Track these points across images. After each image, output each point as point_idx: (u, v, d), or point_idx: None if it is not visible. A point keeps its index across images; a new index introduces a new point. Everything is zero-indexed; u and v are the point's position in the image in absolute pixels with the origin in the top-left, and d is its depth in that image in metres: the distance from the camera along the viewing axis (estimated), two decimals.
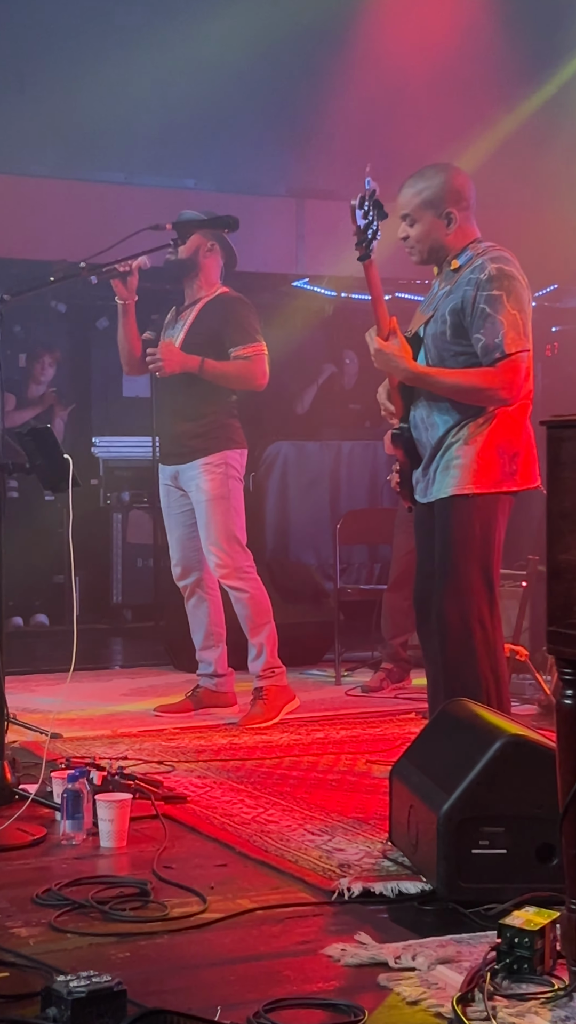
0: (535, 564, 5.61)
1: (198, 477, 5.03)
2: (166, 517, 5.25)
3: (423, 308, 3.91)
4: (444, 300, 3.76)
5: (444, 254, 3.82)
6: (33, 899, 2.88)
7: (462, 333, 3.70)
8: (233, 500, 5.03)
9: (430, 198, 3.76)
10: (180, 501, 5.16)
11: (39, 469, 3.69)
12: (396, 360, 3.73)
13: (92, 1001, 2.17)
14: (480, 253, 3.75)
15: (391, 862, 3.13)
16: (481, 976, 2.35)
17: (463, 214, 3.79)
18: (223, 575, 5.01)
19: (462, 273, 3.74)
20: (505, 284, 3.66)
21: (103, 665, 6.69)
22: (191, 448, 5.05)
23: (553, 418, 2.44)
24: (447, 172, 3.83)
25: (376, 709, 5.35)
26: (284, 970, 2.48)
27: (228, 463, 5.04)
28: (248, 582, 5.02)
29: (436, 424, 3.77)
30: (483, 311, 3.64)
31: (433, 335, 3.77)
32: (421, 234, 3.80)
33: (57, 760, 3.93)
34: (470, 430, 3.72)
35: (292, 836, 3.36)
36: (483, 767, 2.83)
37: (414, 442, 3.85)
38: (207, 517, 5.01)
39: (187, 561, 5.16)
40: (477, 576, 3.69)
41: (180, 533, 5.18)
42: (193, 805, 3.70)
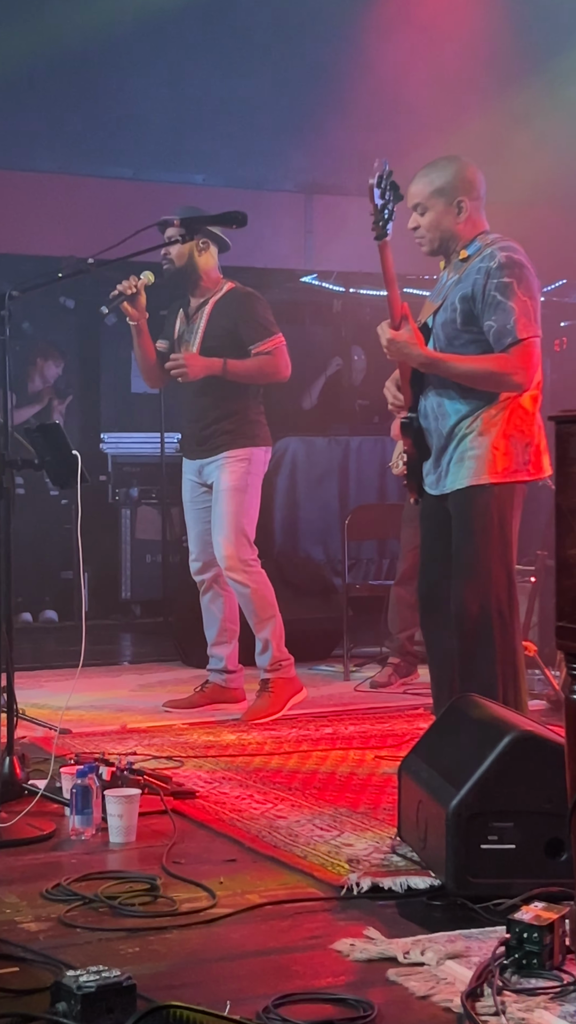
0: (544, 559, 5.60)
1: (220, 469, 5.04)
2: (187, 512, 5.25)
3: (432, 298, 3.91)
4: (454, 289, 3.77)
5: (454, 244, 3.83)
6: (43, 894, 2.89)
7: (472, 320, 3.72)
8: (249, 495, 5.03)
9: (442, 186, 3.79)
10: (202, 497, 5.16)
11: (48, 465, 3.70)
12: (410, 347, 3.73)
13: (102, 996, 2.18)
14: (489, 243, 3.78)
15: (400, 857, 3.13)
16: (490, 971, 2.35)
17: (473, 204, 3.81)
18: (227, 567, 5.01)
19: (471, 262, 3.76)
20: (516, 272, 3.69)
21: (112, 661, 6.69)
22: (217, 443, 5.05)
23: (562, 413, 2.43)
24: (459, 162, 3.86)
25: (385, 705, 5.35)
26: (293, 965, 2.49)
27: (252, 459, 5.04)
28: (251, 576, 5.02)
29: (448, 413, 3.77)
30: (494, 298, 3.67)
31: (443, 323, 3.78)
32: (432, 222, 3.82)
33: (66, 756, 3.93)
34: (483, 420, 3.73)
35: (301, 831, 3.36)
36: (492, 762, 2.83)
37: (423, 432, 3.84)
38: (220, 507, 5.02)
39: (206, 556, 5.17)
40: (497, 565, 3.71)
41: (200, 529, 5.18)
42: (202, 800, 3.70)
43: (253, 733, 4.72)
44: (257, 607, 5.03)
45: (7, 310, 3.71)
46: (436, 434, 3.80)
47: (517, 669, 3.73)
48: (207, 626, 5.25)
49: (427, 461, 3.85)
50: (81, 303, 8.65)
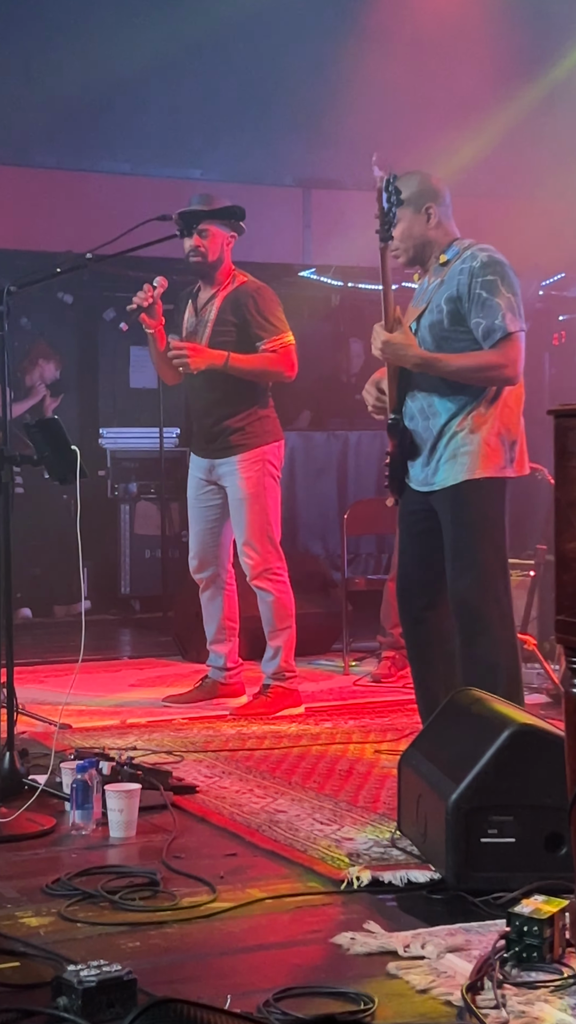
0: (543, 554, 5.61)
1: (234, 474, 5.00)
2: (190, 508, 5.22)
3: (415, 303, 3.99)
4: (437, 291, 3.85)
5: (429, 251, 3.92)
6: (43, 889, 2.89)
7: (459, 320, 3.79)
8: (268, 498, 5.00)
9: (408, 197, 3.84)
10: (208, 496, 5.14)
11: (47, 460, 3.70)
12: (404, 348, 3.79)
13: (102, 990, 2.18)
14: (467, 247, 3.87)
15: (400, 851, 3.13)
16: (490, 964, 2.36)
17: (442, 210, 3.91)
18: (252, 575, 5.00)
19: (452, 265, 3.85)
20: (498, 269, 3.78)
21: (112, 656, 6.70)
22: (228, 444, 5.02)
23: (561, 407, 2.44)
24: (420, 174, 3.95)
25: (384, 699, 5.35)
26: (294, 959, 2.49)
27: (265, 459, 5.01)
28: (275, 584, 5.01)
29: (438, 412, 3.83)
30: (480, 296, 3.75)
31: (430, 325, 3.84)
32: (404, 232, 3.88)
33: (66, 751, 3.93)
34: (474, 418, 3.80)
35: (301, 826, 3.37)
36: (492, 756, 2.83)
37: (408, 433, 3.89)
38: (241, 516, 4.99)
39: (204, 555, 5.16)
40: (492, 557, 3.78)
41: (201, 527, 5.17)
42: (202, 795, 3.71)
43: (253, 728, 4.72)
44: (276, 616, 5.03)
45: (5, 306, 3.71)
46: (427, 433, 3.85)
47: (515, 656, 3.82)
48: (207, 623, 5.25)
49: (413, 460, 3.89)
50: (79, 298, 8.65)
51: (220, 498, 5.10)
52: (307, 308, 8.58)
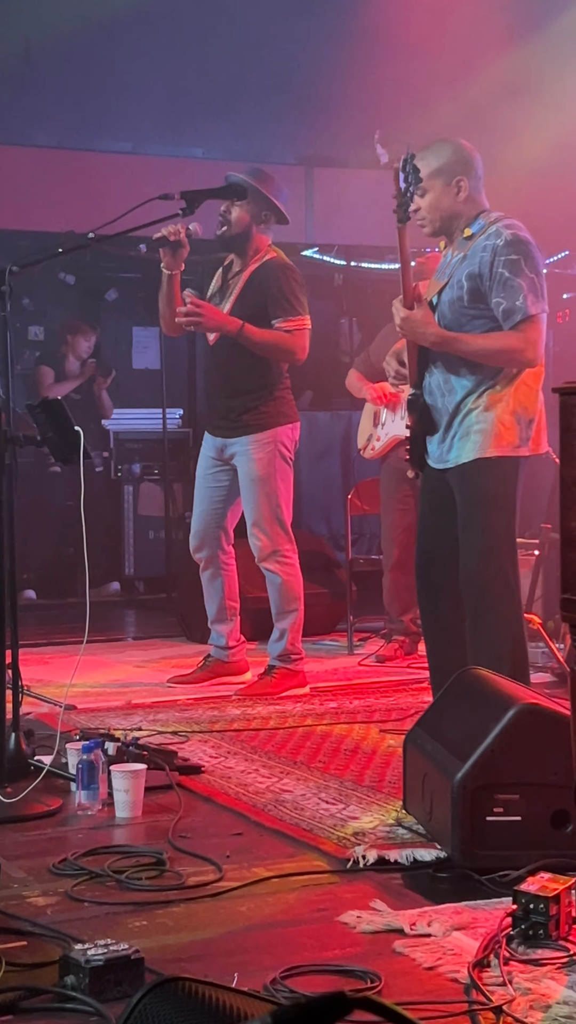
0: (547, 533, 5.60)
1: (245, 454, 4.98)
2: (197, 486, 5.20)
3: (437, 276, 3.93)
4: (459, 266, 3.80)
5: (456, 223, 3.85)
6: (50, 869, 2.90)
7: (479, 298, 3.75)
8: (279, 480, 4.98)
9: (440, 167, 3.80)
10: (216, 475, 5.12)
11: (50, 441, 3.69)
12: (423, 326, 3.76)
13: (110, 969, 2.19)
14: (493, 221, 3.80)
15: (406, 830, 3.14)
16: (496, 942, 2.36)
17: (472, 183, 3.83)
18: (260, 557, 4.99)
19: (476, 240, 3.78)
20: (522, 249, 3.72)
21: (116, 637, 6.70)
22: (241, 423, 4.99)
23: (565, 384, 2.43)
24: (455, 143, 3.89)
25: (389, 678, 5.36)
26: (300, 937, 2.49)
27: (278, 439, 4.98)
28: (284, 567, 5.00)
29: (455, 389, 3.81)
30: (502, 275, 3.70)
31: (449, 301, 3.80)
32: (432, 203, 3.83)
33: (72, 731, 3.94)
34: (489, 396, 3.78)
35: (307, 805, 3.37)
36: (497, 734, 2.83)
37: (428, 408, 3.86)
38: (252, 498, 4.97)
39: (204, 535, 5.15)
40: (502, 535, 3.78)
41: (205, 507, 5.15)
42: (208, 775, 3.71)
43: (258, 708, 4.73)
44: (283, 598, 5.02)
45: (7, 286, 3.69)
46: (443, 410, 3.83)
47: (522, 634, 3.83)
48: (208, 602, 5.25)
49: (432, 436, 3.87)
50: (81, 278, 8.62)
51: (229, 478, 5.09)
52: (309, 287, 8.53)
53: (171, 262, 4.88)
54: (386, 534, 6.04)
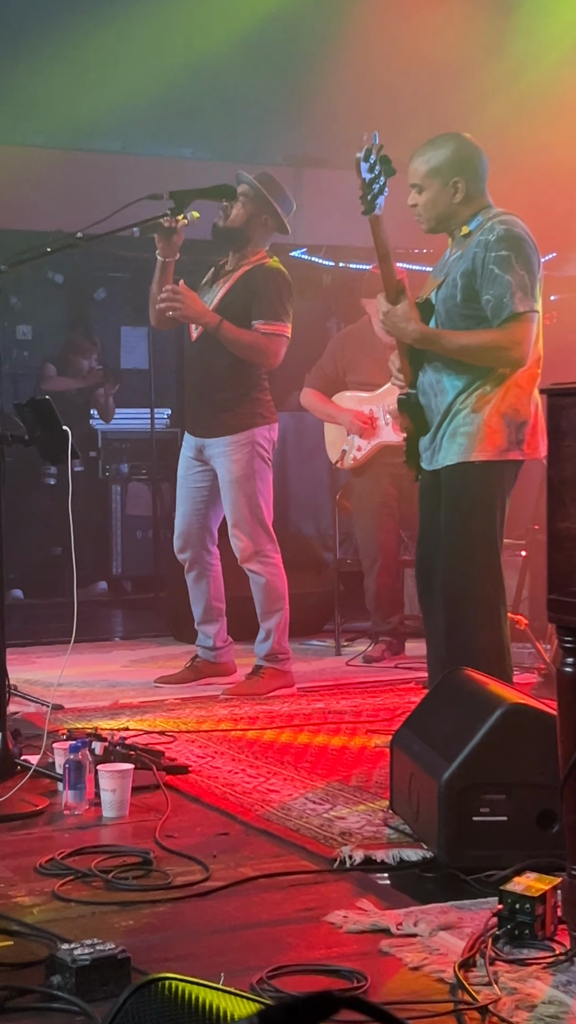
0: (535, 533, 5.61)
1: (223, 456, 4.97)
2: (179, 487, 5.19)
3: (435, 274, 3.89)
4: (455, 264, 3.75)
5: (454, 222, 3.81)
6: (36, 868, 2.89)
7: (473, 296, 3.69)
8: (258, 480, 4.97)
9: (437, 166, 3.76)
10: (197, 476, 5.11)
11: (38, 441, 3.68)
12: (404, 321, 3.71)
13: (96, 969, 2.19)
14: (491, 217, 3.75)
15: (392, 830, 3.14)
16: (483, 942, 2.37)
17: (471, 183, 3.77)
18: (243, 559, 4.99)
19: (473, 237, 3.74)
20: (514, 244, 3.66)
21: (103, 637, 6.70)
22: (218, 423, 4.98)
23: (553, 386, 2.43)
24: (456, 141, 3.81)
25: (376, 679, 5.36)
26: (287, 937, 2.50)
27: (255, 440, 4.97)
28: (266, 567, 4.99)
29: (446, 389, 3.75)
30: (492, 272, 3.64)
31: (444, 299, 3.75)
32: (428, 202, 3.79)
33: (59, 731, 3.94)
34: (478, 397, 3.71)
35: (294, 805, 3.37)
36: (484, 735, 2.84)
37: (421, 408, 3.83)
38: (231, 499, 4.97)
39: (188, 536, 5.14)
40: (480, 542, 3.71)
41: (188, 508, 5.15)
42: (195, 775, 3.71)
43: (245, 708, 4.73)
44: (267, 598, 5.02)
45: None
46: (435, 410, 3.78)
47: (502, 644, 3.74)
48: (194, 603, 5.24)
49: (424, 436, 3.84)
50: (70, 278, 8.61)
51: (209, 479, 5.08)
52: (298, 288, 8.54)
53: (166, 248, 4.86)
54: (368, 537, 6.02)
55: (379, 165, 3.61)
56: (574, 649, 2.38)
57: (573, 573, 2.34)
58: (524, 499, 6.02)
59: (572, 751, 2.35)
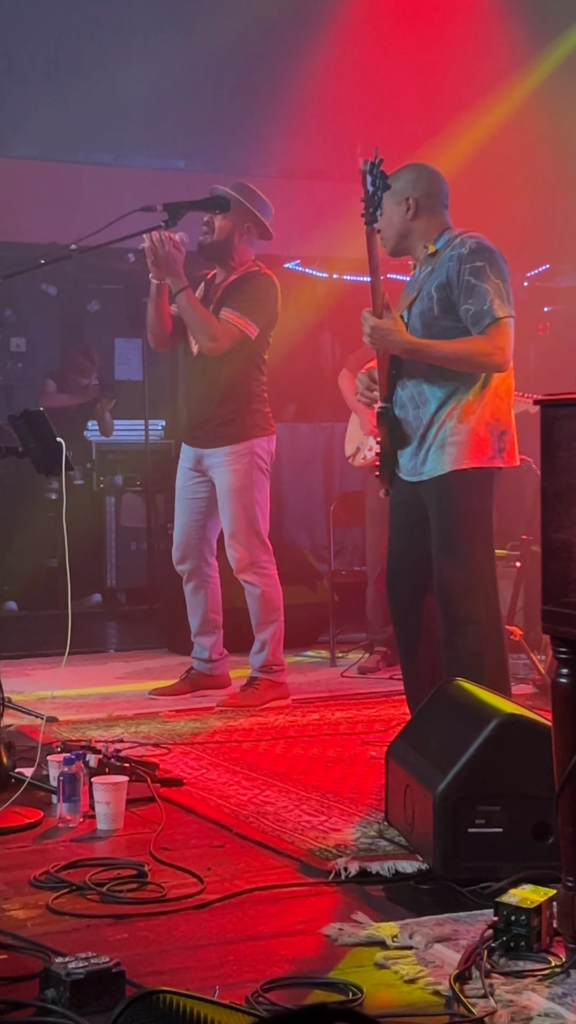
0: (529, 544, 5.61)
1: (222, 466, 4.98)
2: (177, 499, 5.19)
3: (407, 292, 3.98)
4: (428, 280, 3.85)
5: (411, 241, 3.91)
6: (30, 881, 2.88)
7: (449, 308, 3.78)
8: (256, 491, 4.98)
9: (393, 189, 3.84)
10: (195, 487, 5.11)
11: (32, 453, 3.68)
12: (393, 334, 3.76)
13: (90, 982, 2.18)
14: (456, 235, 3.86)
15: (387, 842, 3.14)
16: (478, 954, 2.36)
17: (424, 200, 3.88)
18: (238, 569, 4.99)
19: (442, 253, 3.84)
20: (486, 255, 3.78)
21: (98, 649, 6.68)
22: (218, 434, 4.99)
23: (546, 397, 2.44)
24: (415, 168, 3.95)
25: (371, 690, 5.36)
26: (281, 950, 2.49)
27: (254, 451, 4.99)
28: (262, 578, 5.00)
29: (428, 400, 3.82)
30: (468, 282, 3.74)
31: (420, 313, 3.83)
32: (384, 222, 3.87)
33: (53, 743, 3.93)
34: (464, 407, 3.78)
35: (288, 817, 3.37)
36: (479, 746, 2.84)
37: (398, 421, 3.87)
38: (228, 509, 4.97)
39: (187, 547, 5.14)
40: (479, 546, 3.78)
41: (187, 519, 5.15)
42: (189, 787, 3.70)
43: (240, 720, 4.72)
44: (262, 609, 5.02)
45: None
46: (415, 423, 3.84)
47: (502, 647, 3.82)
48: (191, 615, 5.24)
49: (403, 450, 3.88)
50: (64, 290, 8.62)
51: (207, 490, 5.08)
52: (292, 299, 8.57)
53: (157, 272, 4.89)
54: (371, 545, 6.04)
55: (379, 179, 3.68)
56: (569, 660, 2.38)
57: (567, 584, 2.34)
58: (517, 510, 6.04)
59: (567, 762, 2.35)
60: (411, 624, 3.93)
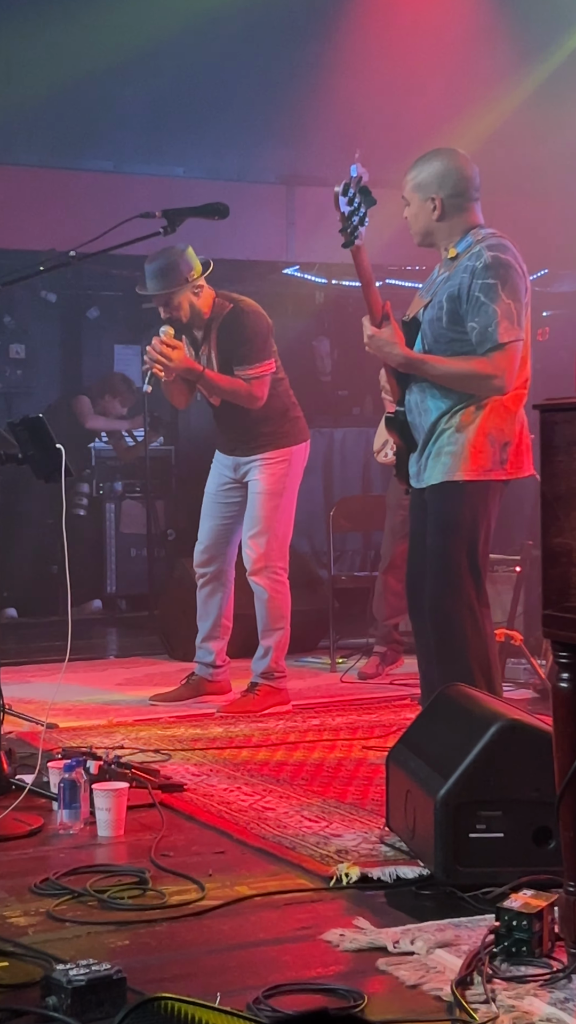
0: (529, 549, 5.61)
1: (257, 469, 5.02)
2: (206, 502, 5.19)
3: (422, 293, 3.92)
4: (443, 286, 3.76)
5: (435, 239, 3.82)
6: (31, 888, 2.88)
7: (458, 320, 3.70)
8: (286, 498, 5.02)
9: (421, 182, 3.77)
10: (228, 492, 5.12)
11: (32, 459, 3.68)
12: (389, 346, 3.73)
13: (92, 989, 2.18)
14: (479, 240, 3.73)
15: (388, 847, 3.13)
16: (480, 959, 2.36)
17: (451, 200, 3.75)
18: (253, 570, 4.99)
19: (460, 260, 3.74)
20: (501, 272, 3.65)
21: (98, 655, 6.68)
22: (257, 443, 5.03)
23: (546, 402, 2.44)
24: (444, 157, 3.80)
25: (371, 695, 5.36)
26: (283, 956, 2.49)
27: (292, 459, 5.04)
28: (273, 583, 5.00)
29: (429, 409, 3.77)
30: (478, 299, 3.64)
31: (430, 320, 3.77)
32: (412, 216, 3.82)
33: (53, 750, 3.92)
34: (462, 417, 3.73)
35: (289, 823, 3.36)
36: (480, 751, 2.83)
37: (407, 426, 3.85)
38: (255, 509, 5.00)
39: (214, 550, 5.14)
40: (464, 562, 3.71)
41: (215, 523, 5.15)
42: (190, 793, 3.70)
43: (240, 726, 4.72)
44: (270, 615, 5.02)
45: None
46: (420, 429, 3.81)
47: (490, 663, 3.74)
48: (201, 619, 5.22)
49: (413, 454, 3.86)
50: (63, 296, 8.63)
51: (240, 496, 5.10)
52: (291, 305, 8.58)
53: (171, 374, 4.92)
54: (386, 536, 6.04)
55: (358, 197, 3.62)
56: (570, 664, 2.38)
57: (568, 588, 2.34)
58: (518, 515, 6.04)
59: (568, 767, 2.35)
60: (427, 627, 3.85)
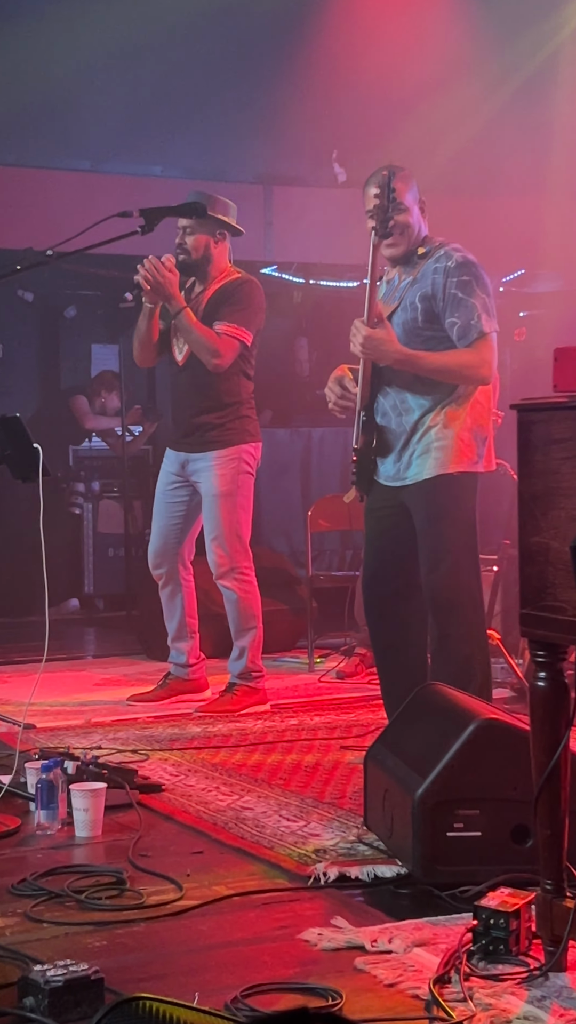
0: (506, 548, 5.63)
1: (208, 470, 4.98)
2: (156, 502, 5.19)
3: (384, 300, 3.99)
4: (410, 289, 3.89)
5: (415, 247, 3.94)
6: (9, 889, 2.87)
7: (433, 318, 3.85)
8: (240, 496, 4.99)
9: (415, 195, 3.93)
10: (176, 492, 5.11)
11: (9, 459, 3.68)
12: (386, 344, 3.81)
13: (69, 990, 2.18)
14: (438, 245, 3.92)
15: (366, 846, 3.14)
16: (457, 958, 2.37)
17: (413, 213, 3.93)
18: (219, 574, 4.99)
19: (424, 263, 3.88)
20: (472, 271, 3.85)
21: (76, 655, 6.67)
22: (206, 439, 5.00)
23: (523, 401, 2.45)
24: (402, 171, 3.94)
25: (349, 695, 5.36)
26: (261, 955, 2.49)
27: (241, 457, 5.00)
28: (241, 584, 4.99)
29: (411, 408, 3.87)
30: (455, 296, 3.81)
31: (403, 323, 3.88)
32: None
33: (30, 750, 3.91)
34: (447, 413, 3.86)
35: (267, 822, 3.37)
36: (457, 750, 2.84)
37: (379, 429, 3.91)
38: (213, 513, 4.97)
39: (164, 551, 5.13)
40: (465, 550, 3.84)
41: (164, 523, 5.14)
42: (168, 793, 3.70)
43: (219, 726, 4.72)
44: (241, 616, 5.02)
45: None
46: (397, 430, 3.89)
47: (487, 649, 3.92)
48: (167, 620, 5.23)
49: (384, 457, 3.92)
50: (40, 296, 8.59)
51: (188, 495, 5.08)
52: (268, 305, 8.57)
53: (154, 297, 4.91)
54: None
55: (392, 194, 3.79)
56: (547, 663, 2.39)
57: (545, 587, 2.35)
58: (495, 514, 6.05)
59: (545, 766, 2.36)
60: (388, 629, 3.97)
